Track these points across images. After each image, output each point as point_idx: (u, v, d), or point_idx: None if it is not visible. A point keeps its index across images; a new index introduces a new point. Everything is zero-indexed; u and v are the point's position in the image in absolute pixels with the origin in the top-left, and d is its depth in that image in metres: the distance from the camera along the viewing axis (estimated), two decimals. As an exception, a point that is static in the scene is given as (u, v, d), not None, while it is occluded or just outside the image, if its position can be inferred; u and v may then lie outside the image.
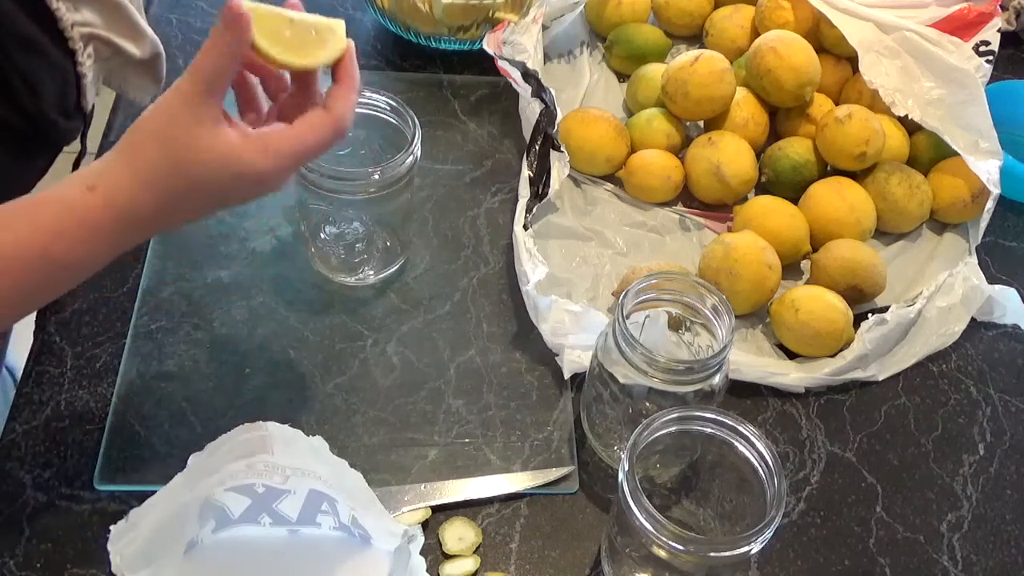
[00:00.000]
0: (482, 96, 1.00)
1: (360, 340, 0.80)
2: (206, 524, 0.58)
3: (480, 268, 0.86)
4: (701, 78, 0.91)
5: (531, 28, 0.94)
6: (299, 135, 0.58)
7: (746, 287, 0.82)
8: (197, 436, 0.72)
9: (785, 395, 0.81)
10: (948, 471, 0.78)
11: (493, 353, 0.80)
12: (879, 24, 0.97)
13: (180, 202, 0.57)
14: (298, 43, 0.59)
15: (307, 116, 0.59)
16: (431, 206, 0.90)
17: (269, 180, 0.58)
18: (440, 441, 0.75)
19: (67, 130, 0.68)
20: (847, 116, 0.89)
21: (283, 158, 0.58)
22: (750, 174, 0.91)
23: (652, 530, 0.58)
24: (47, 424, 0.72)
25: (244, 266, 0.83)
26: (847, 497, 0.76)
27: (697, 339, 0.72)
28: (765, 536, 0.57)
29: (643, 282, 0.68)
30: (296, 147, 0.58)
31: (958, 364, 0.85)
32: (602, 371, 0.69)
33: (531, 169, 0.87)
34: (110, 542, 0.62)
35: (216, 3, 1.05)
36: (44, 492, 0.69)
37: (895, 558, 0.73)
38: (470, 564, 0.68)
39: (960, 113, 0.92)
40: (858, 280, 0.84)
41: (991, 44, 0.97)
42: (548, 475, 0.73)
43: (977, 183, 0.89)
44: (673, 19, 1.06)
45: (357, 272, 0.84)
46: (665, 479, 0.72)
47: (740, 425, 0.62)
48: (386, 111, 0.78)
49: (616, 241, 0.89)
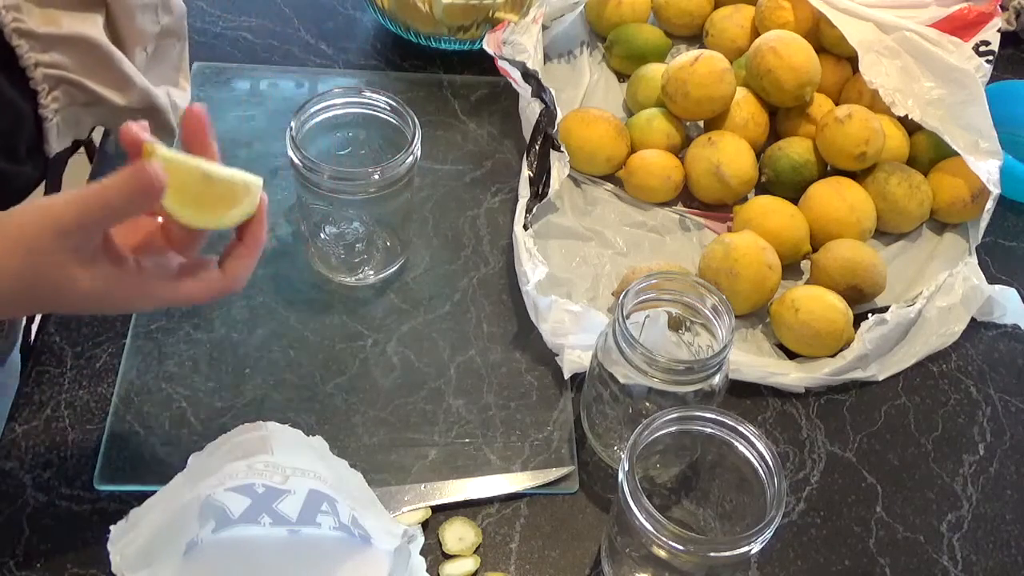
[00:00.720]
0: (482, 96, 1.00)
1: (360, 340, 0.80)
2: (206, 524, 0.58)
3: (480, 268, 0.86)
4: (701, 78, 0.91)
5: (531, 28, 0.94)
6: (188, 294, 0.56)
7: (746, 287, 0.82)
8: (197, 436, 0.72)
9: (785, 395, 0.81)
10: (948, 471, 0.78)
11: (493, 353, 0.80)
12: (879, 24, 0.97)
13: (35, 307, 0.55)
14: (207, 200, 0.55)
15: (202, 274, 0.57)
16: (431, 206, 0.90)
17: (141, 309, 0.57)
18: (440, 441, 0.75)
19: (15, 175, 0.65)
20: (847, 116, 0.89)
21: (162, 302, 0.56)
22: (750, 174, 0.91)
23: (652, 530, 0.58)
24: (47, 424, 0.72)
25: (244, 266, 0.83)
26: (847, 497, 0.76)
27: (697, 339, 0.72)
28: (765, 536, 0.57)
29: (643, 282, 0.68)
30: (180, 301, 0.56)
31: (958, 364, 0.85)
32: (602, 371, 0.69)
33: (531, 169, 0.87)
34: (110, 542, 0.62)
35: (216, 3, 1.05)
36: (44, 492, 0.69)
37: (895, 558, 0.73)
38: (470, 564, 0.68)
39: (960, 113, 0.92)
40: (858, 280, 0.84)
41: (991, 44, 0.97)
42: (548, 475, 0.73)
43: (977, 183, 0.89)
44: (673, 19, 1.06)
45: (357, 272, 0.84)
46: (665, 479, 0.72)
47: (740, 425, 0.62)
48: (386, 111, 0.78)
49: (616, 241, 0.89)
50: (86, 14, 0.64)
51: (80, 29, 0.63)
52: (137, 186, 0.50)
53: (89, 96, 0.65)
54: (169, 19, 0.72)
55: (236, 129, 0.93)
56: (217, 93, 0.96)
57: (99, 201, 0.50)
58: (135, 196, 0.50)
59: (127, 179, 0.50)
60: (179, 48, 0.77)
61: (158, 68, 0.74)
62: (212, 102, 0.95)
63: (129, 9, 0.66)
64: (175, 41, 0.76)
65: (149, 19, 0.69)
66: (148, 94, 0.69)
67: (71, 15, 0.63)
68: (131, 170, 0.50)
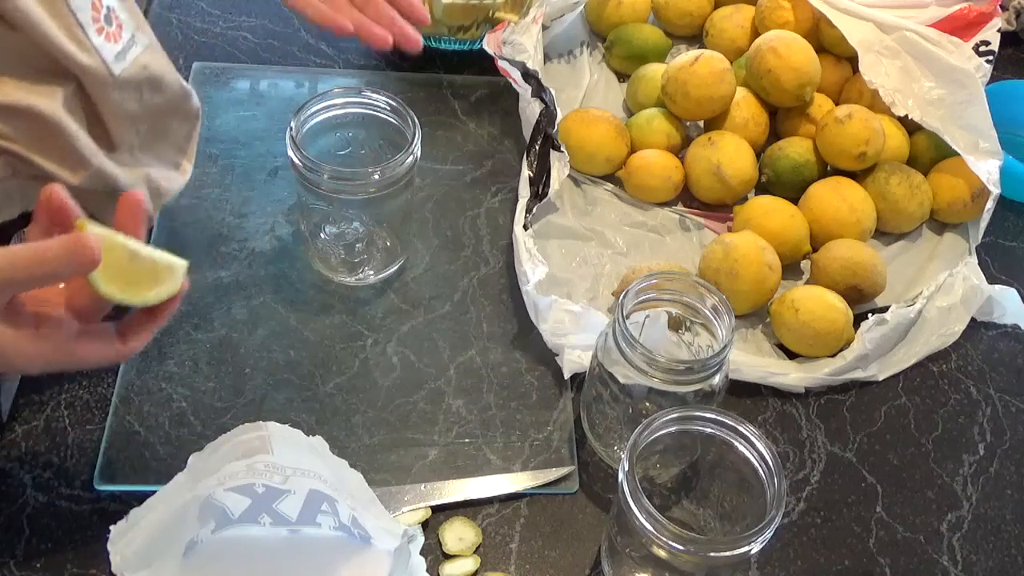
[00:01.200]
0: (482, 96, 1.00)
1: (360, 340, 0.80)
2: (206, 524, 0.58)
3: (480, 268, 0.86)
4: (701, 78, 0.91)
5: (531, 28, 0.94)
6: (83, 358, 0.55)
7: (746, 287, 0.82)
8: (197, 436, 0.72)
9: (785, 395, 0.81)
10: (948, 471, 0.78)
11: (493, 353, 0.80)
12: (879, 24, 0.97)
13: None
14: (132, 278, 0.55)
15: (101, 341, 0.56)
16: (431, 206, 0.90)
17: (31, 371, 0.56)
18: (440, 441, 0.75)
19: None
20: (847, 116, 0.90)
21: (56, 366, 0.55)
22: (750, 174, 0.91)
23: (652, 530, 0.58)
24: (47, 424, 0.72)
25: (244, 266, 0.83)
26: (847, 497, 0.76)
27: (697, 339, 0.72)
28: (765, 536, 0.57)
29: (643, 282, 0.68)
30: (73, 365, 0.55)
31: (958, 364, 0.85)
32: (602, 371, 0.69)
33: (531, 169, 0.87)
34: (110, 542, 0.62)
35: (216, 3, 1.05)
36: (44, 492, 0.69)
37: (895, 558, 0.73)
38: (470, 564, 0.68)
39: (960, 113, 0.92)
40: (858, 280, 0.84)
41: (991, 44, 0.97)
42: (548, 475, 0.73)
43: (977, 183, 0.89)
44: (673, 19, 1.06)
45: (357, 272, 0.84)
46: (665, 479, 0.72)
47: (740, 425, 0.62)
48: (386, 111, 0.78)
49: (616, 241, 0.89)
50: (44, 86, 0.60)
51: (29, 100, 0.59)
52: (73, 257, 0.49)
53: (35, 170, 0.62)
54: (159, 99, 0.69)
55: (236, 129, 0.93)
56: (217, 93, 0.96)
57: (30, 263, 0.49)
58: (69, 265, 0.49)
59: (63, 247, 0.49)
60: (185, 128, 0.74)
61: (157, 147, 0.72)
62: (212, 102, 0.95)
63: (102, 86, 0.63)
64: (179, 121, 0.73)
65: (130, 98, 0.66)
66: (108, 176, 0.65)
67: (24, 85, 0.60)
68: (69, 240, 0.49)
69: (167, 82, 0.69)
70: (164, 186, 0.72)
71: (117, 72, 0.63)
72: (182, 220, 0.85)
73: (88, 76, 0.62)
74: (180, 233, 0.84)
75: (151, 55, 0.67)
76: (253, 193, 0.89)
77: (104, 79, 0.63)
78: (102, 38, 0.62)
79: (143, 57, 0.66)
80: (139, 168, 0.70)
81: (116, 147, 0.67)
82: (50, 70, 0.61)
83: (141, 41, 0.66)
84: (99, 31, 0.62)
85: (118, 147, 0.67)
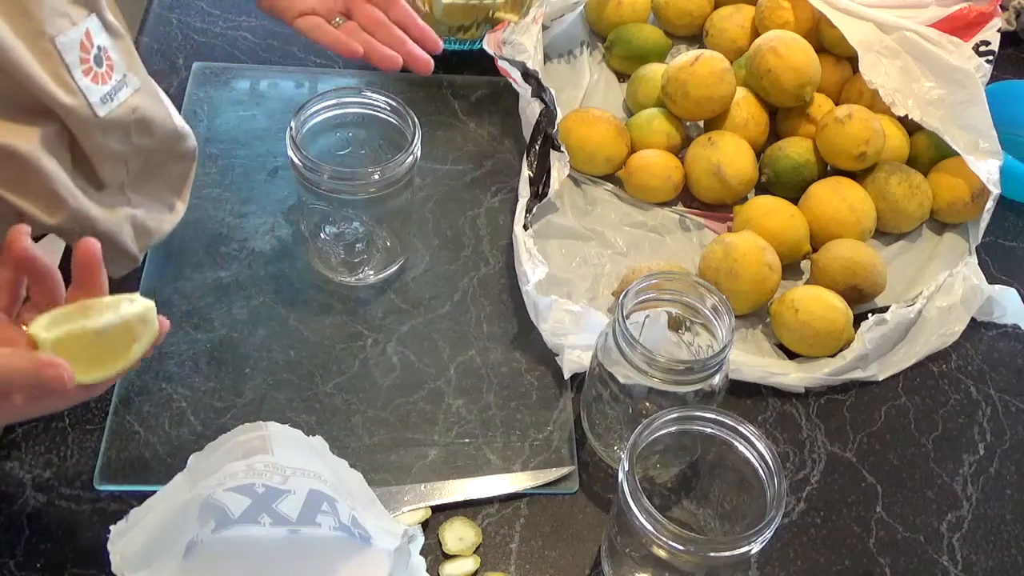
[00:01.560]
0: (482, 96, 1.00)
1: (360, 340, 0.80)
2: (206, 524, 0.58)
3: (480, 268, 0.86)
4: (701, 78, 0.91)
5: (531, 28, 0.94)
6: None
7: (746, 287, 0.82)
8: (197, 436, 0.72)
9: (785, 395, 0.81)
10: (948, 471, 0.78)
11: (493, 353, 0.80)
12: (879, 24, 0.97)
13: None
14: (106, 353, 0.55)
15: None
16: (431, 206, 0.90)
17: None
18: (440, 441, 0.75)
19: None
20: (847, 116, 0.89)
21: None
22: (750, 174, 0.91)
23: (652, 530, 0.58)
24: (47, 424, 0.72)
25: (244, 266, 0.83)
26: (847, 497, 0.76)
27: (697, 339, 0.72)
28: (765, 536, 0.57)
29: (643, 282, 0.68)
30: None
31: (958, 364, 0.85)
32: (602, 371, 0.69)
33: (531, 169, 0.87)
34: (110, 542, 0.62)
35: (216, 3, 1.05)
36: (44, 492, 0.69)
37: (895, 558, 0.73)
38: (470, 564, 0.68)
39: (960, 113, 0.92)
40: (858, 280, 0.84)
41: (991, 44, 0.97)
42: (548, 475, 0.73)
43: (977, 183, 0.89)
44: (673, 19, 1.06)
45: (357, 272, 0.84)
46: (665, 479, 0.72)
47: (740, 425, 0.62)
48: (386, 111, 0.78)
49: (616, 241, 0.89)
50: (21, 126, 0.59)
51: (8, 140, 0.58)
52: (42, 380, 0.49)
53: (11, 209, 0.61)
54: (149, 141, 0.68)
55: (236, 129, 0.93)
56: (217, 93, 0.96)
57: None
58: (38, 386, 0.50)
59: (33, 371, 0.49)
60: (181, 169, 0.74)
61: (148, 186, 0.71)
62: (212, 102, 0.95)
63: (84, 126, 0.62)
64: (174, 162, 0.72)
65: (115, 139, 0.65)
66: (85, 218, 0.64)
67: (2, 124, 0.59)
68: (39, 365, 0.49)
69: (158, 124, 0.68)
70: (153, 227, 0.72)
71: (102, 114, 0.62)
72: (182, 220, 0.85)
73: (71, 117, 0.61)
74: (180, 233, 0.84)
75: (142, 97, 0.66)
76: (253, 193, 0.89)
77: (88, 120, 0.62)
78: (88, 79, 0.61)
79: (133, 99, 0.65)
80: (123, 209, 0.69)
81: (104, 185, 0.67)
82: (31, 109, 0.60)
83: (132, 83, 0.65)
84: (86, 72, 0.61)
85: (107, 185, 0.67)
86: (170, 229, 0.74)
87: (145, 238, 0.71)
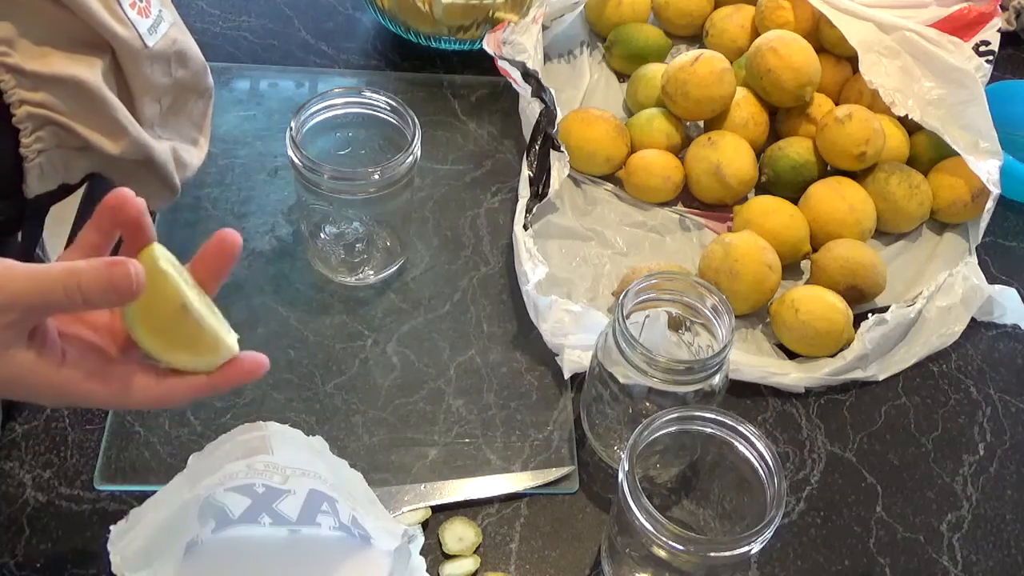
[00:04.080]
0: (482, 96, 1.00)
1: (360, 340, 0.80)
2: (206, 524, 0.58)
3: (480, 268, 0.86)
4: (701, 78, 0.91)
5: (531, 28, 0.95)
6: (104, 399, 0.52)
7: (746, 287, 0.82)
8: (197, 436, 0.72)
9: (785, 395, 0.81)
10: (948, 471, 0.78)
11: (493, 353, 0.80)
12: (879, 24, 0.97)
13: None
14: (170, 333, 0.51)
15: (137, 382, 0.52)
16: (431, 206, 0.90)
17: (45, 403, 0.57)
18: (440, 441, 0.75)
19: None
20: (847, 116, 0.89)
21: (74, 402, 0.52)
22: (750, 174, 0.91)
23: (652, 530, 0.58)
24: (47, 424, 0.72)
25: (244, 266, 0.83)
26: (847, 497, 0.76)
27: (697, 339, 0.72)
28: (765, 536, 0.57)
29: (643, 282, 0.68)
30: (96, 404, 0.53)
31: (958, 364, 0.85)
32: (602, 371, 0.69)
33: (531, 169, 0.87)
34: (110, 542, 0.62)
35: (216, 3, 1.05)
36: (44, 492, 0.69)
37: (895, 558, 0.73)
38: (470, 564, 0.68)
39: (960, 113, 0.92)
40: (858, 280, 0.84)
41: (991, 44, 0.97)
42: (548, 475, 0.73)
43: (977, 183, 0.89)
44: (673, 19, 1.06)
45: (357, 272, 0.84)
46: (665, 479, 0.72)
47: (740, 425, 0.62)
48: (386, 111, 0.78)
49: (616, 241, 0.89)
50: (83, 56, 0.61)
51: (73, 71, 0.60)
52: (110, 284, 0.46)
53: (78, 140, 0.62)
54: (184, 73, 0.70)
55: (236, 129, 0.93)
56: (217, 93, 0.95)
57: (63, 285, 0.46)
58: (104, 294, 0.46)
59: (100, 272, 0.46)
60: (201, 105, 0.75)
61: (175, 122, 0.73)
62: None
63: (135, 57, 0.64)
64: (196, 97, 0.74)
65: (159, 70, 0.67)
66: (144, 146, 0.66)
67: (66, 56, 0.60)
68: (109, 264, 0.46)
69: (191, 56, 0.71)
70: (186, 159, 0.73)
71: (151, 44, 0.65)
72: (182, 220, 0.86)
73: (124, 48, 0.64)
74: (180, 233, 0.84)
75: (177, 31, 0.70)
76: (253, 193, 0.89)
77: (139, 51, 0.65)
78: (135, 12, 0.64)
79: (172, 32, 0.68)
80: (165, 141, 0.71)
81: (141, 121, 0.68)
82: (90, 42, 0.62)
83: (167, 18, 0.68)
84: (132, 6, 0.64)
85: (142, 121, 0.68)
86: (199, 164, 0.74)
87: (182, 170, 0.73)
